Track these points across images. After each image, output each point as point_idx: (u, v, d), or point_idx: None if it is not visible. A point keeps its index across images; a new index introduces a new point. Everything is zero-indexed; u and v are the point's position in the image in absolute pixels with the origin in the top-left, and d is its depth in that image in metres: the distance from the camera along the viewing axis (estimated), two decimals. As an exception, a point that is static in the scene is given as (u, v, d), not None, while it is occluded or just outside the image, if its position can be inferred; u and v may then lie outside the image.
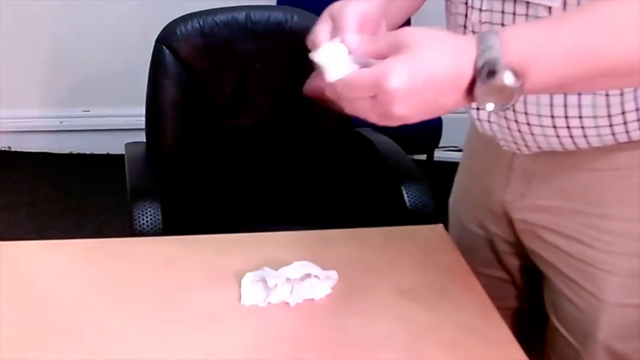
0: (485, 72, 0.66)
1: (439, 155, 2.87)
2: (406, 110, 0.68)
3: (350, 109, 0.71)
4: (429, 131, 2.65)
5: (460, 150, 3.05)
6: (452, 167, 1.25)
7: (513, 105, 0.69)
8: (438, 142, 2.68)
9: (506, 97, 0.68)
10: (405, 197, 1.62)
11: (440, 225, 1.21)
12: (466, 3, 0.93)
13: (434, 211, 1.61)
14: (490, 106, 0.69)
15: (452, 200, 1.24)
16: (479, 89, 0.67)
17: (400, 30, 0.71)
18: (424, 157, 2.76)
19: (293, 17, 1.75)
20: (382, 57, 0.69)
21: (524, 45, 0.68)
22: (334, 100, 0.73)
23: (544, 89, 0.71)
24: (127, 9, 3.01)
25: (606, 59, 0.68)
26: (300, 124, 1.82)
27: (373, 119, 0.71)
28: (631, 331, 0.99)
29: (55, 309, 0.98)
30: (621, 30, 0.67)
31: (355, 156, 1.88)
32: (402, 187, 1.63)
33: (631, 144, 0.91)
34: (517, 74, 0.67)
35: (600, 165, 0.94)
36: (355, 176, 1.88)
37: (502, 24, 0.89)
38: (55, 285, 1.04)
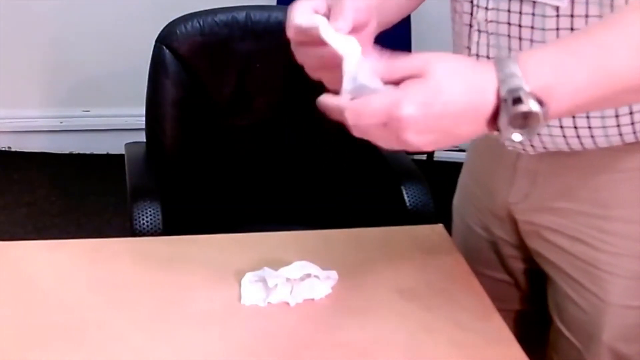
0: (510, 101, 0.65)
1: (439, 155, 2.88)
2: (420, 139, 0.67)
3: (359, 134, 0.69)
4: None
5: (460, 150, 3.05)
6: (452, 167, 1.25)
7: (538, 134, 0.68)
8: (438, 142, 2.68)
9: (531, 125, 0.66)
10: (405, 197, 1.62)
11: (440, 225, 1.21)
12: (472, 2, 0.93)
13: (434, 211, 1.61)
14: (516, 137, 0.67)
15: (456, 200, 1.24)
16: (503, 119, 0.66)
17: (418, 56, 0.69)
18: (424, 157, 2.76)
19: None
20: (396, 80, 0.68)
21: (546, 71, 0.66)
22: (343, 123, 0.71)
23: (569, 112, 0.70)
24: (127, 9, 3.01)
25: (629, 77, 0.67)
26: (300, 124, 1.82)
27: (386, 145, 0.69)
28: (635, 333, 0.99)
29: (55, 309, 0.98)
30: None
31: (355, 156, 1.88)
32: (402, 187, 1.63)
33: (637, 144, 0.90)
34: (541, 101, 0.65)
35: (605, 166, 0.94)
36: (355, 176, 1.88)
37: (509, 23, 0.89)
38: (55, 285, 1.04)
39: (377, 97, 0.67)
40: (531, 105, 0.65)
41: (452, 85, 0.66)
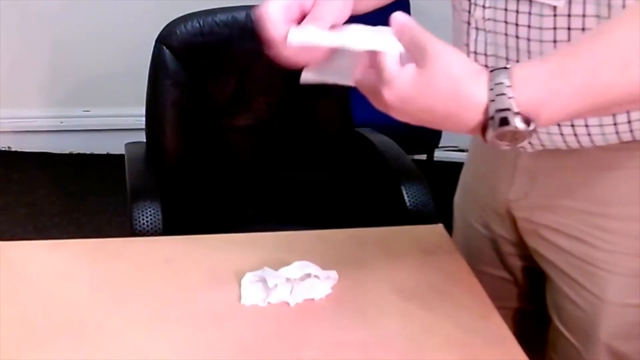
0: (498, 120, 0.68)
1: (439, 155, 2.88)
2: (402, 118, 0.72)
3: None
4: (429, 131, 2.64)
5: (460, 150, 3.06)
6: (452, 167, 1.25)
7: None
8: (438, 142, 2.68)
9: (518, 139, 0.70)
10: (405, 197, 1.62)
11: (440, 225, 1.21)
12: (469, 0, 0.93)
13: (434, 211, 1.61)
14: (503, 147, 0.71)
15: (457, 198, 1.24)
16: (489, 134, 0.69)
17: (433, 42, 0.71)
18: (424, 157, 2.76)
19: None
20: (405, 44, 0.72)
21: (535, 90, 0.68)
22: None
23: (557, 123, 0.72)
24: (127, 9, 3.01)
25: (615, 91, 0.69)
26: (300, 124, 1.82)
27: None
28: (633, 331, 0.99)
29: (55, 309, 0.99)
30: (627, 62, 0.68)
31: (355, 156, 1.88)
32: (402, 187, 1.63)
33: (635, 143, 0.91)
34: (528, 120, 0.68)
35: (603, 164, 0.94)
36: (355, 176, 1.88)
37: (506, 22, 0.89)
38: (55, 285, 1.04)
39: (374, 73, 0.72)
40: (517, 124, 0.68)
41: (441, 89, 0.69)
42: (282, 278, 0.99)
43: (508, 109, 0.67)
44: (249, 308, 0.99)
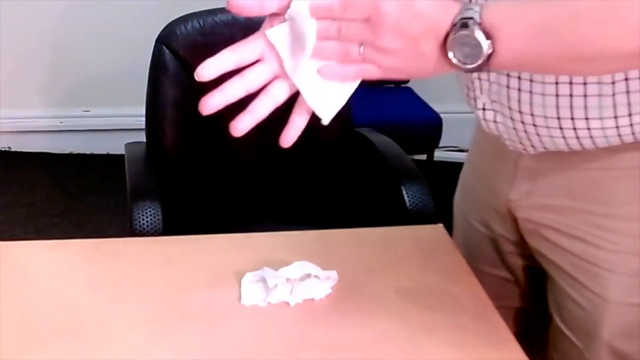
0: (459, 25, 0.71)
1: (439, 155, 2.88)
2: (391, 44, 0.72)
3: (342, 36, 0.75)
4: (429, 131, 2.66)
5: (460, 150, 3.06)
6: (452, 167, 1.25)
7: (481, 68, 0.72)
8: (438, 142, 2.68)
9: (475, 53, 0.71)
10: (405, 197, 1.62)
11: (440, 225, 1.21)
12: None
13: (434, 211, 1.61)
14: (456, 57, 0.72)
15: (457, 197, 1.24)
16: (450, 37, 0.72)
17: None
18: (424, 157, 2.76)
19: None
20: None
21: (497, 12, 0.72)
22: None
23: (513, 61, 0.74)
24: (127, 9, 3.01)
25: (566, 41, 0.71)
26: (300, 124, 1.81)
27: (354, 53, 0.75)
28: (634, 330, 0.99)
29: (55, 309, 0.98)
30: (579, 16, 0.70)
31: (355, 156, 1.88)
32: (402, 187, 1.63)
33: (637, 143, 0.91)
34: (487, 35, 0.71)
35: (605, 164, 0.94)
36: (355, 176, 1.88)
37: None
38: (55, 285, 1.04)
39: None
40: (476, 33, 0.71)
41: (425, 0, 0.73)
42: (282, 278, 0.99)
43: (471, 18, 0.71)
44: (249, 308, 0.99)
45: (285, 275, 0.99)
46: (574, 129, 0.90)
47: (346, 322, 0.98)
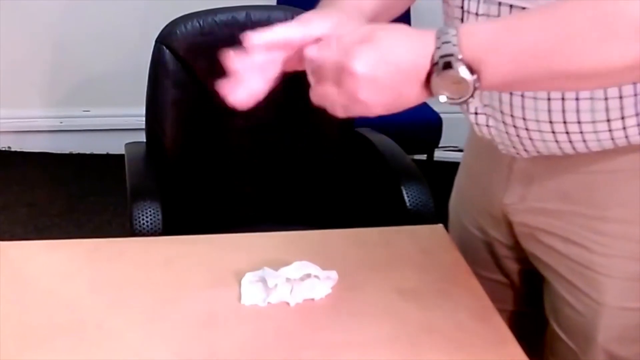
0: (441, 65, 0.69)
1: (439, 155, 2.88)
2: (370, 97, 0.71)
3: (318, 95, 0.75)
4: (429, 131, 2.65)
5: (460, 150, 3.05)
6: (452, 167, 1.25)
7: (469, 100, 0.71)
8: (438, 142, 2.68)
9: (462, 90, 0.70)
10: (405, 197, 1.62)
11: (440, 225, 1.21)
12: (462, 7, 0.93)
13: (434, 211, 1.61)
14: (443, 98, 0.71)
15: (452, 201, 1.24)
16: (434, 80, 0.70)
17: (364, 26, 0.75)
18: (424, 157, 2.76)
19: (293, 17, 1.74)
20: (346, 47, 0.72)
21: (479, 42, 0.70)
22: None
23: (501, 86, 0.74)
24: (127, 9, 3.01)
25: (556, 62, 0.69)
26: (300, 124, 1.82)
27: (339, 108, 0.74)
28: (631, 334, 0.99)
29: (55, 309, 0.99)
30: (569, 37, 0.69)
31: (355, 156, 1.88)
32: (402, 187, 1.63)
33: (630, 147, 0.90)
34: (471, 69, 0.69)
35: (599, 167, 0.94)
36: (355, 176, 1.88)
37: None
38: (55, 285, 1.04)
39: (332, 54, 0.73)
40: (460, 71, 0.69)
41: (398, 47, 0.71)
42: (282, 278, 0.99)
43: (451, 54, 0.69)
44: (249, 308, 0.99)
45: (285, 275, 0.99)
46: (567, 133, 0.90)
47: (346, 322, 0.98)
